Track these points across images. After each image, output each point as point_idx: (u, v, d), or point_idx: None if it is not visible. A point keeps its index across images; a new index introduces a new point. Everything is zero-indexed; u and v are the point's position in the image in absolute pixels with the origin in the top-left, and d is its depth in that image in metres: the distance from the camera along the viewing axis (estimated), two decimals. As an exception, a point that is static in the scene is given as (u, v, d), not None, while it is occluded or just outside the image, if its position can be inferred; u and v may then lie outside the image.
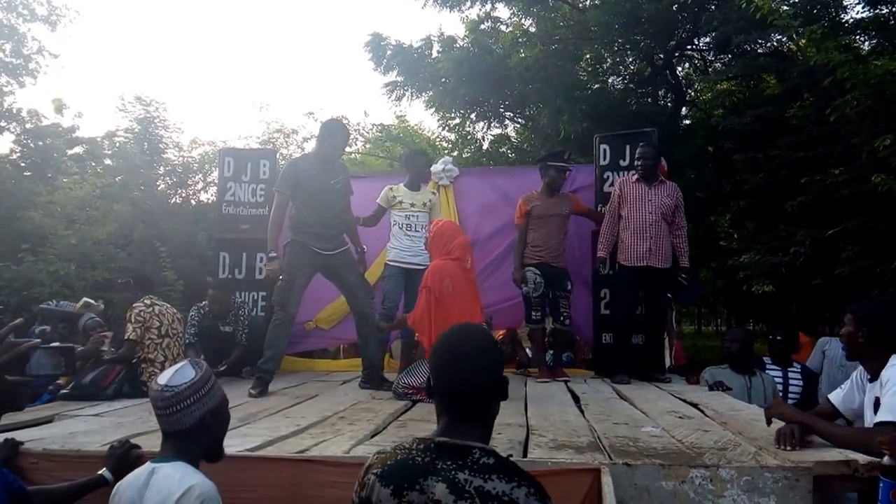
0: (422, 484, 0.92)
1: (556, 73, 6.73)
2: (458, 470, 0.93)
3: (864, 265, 4.59)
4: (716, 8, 6.45)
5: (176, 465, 1.30)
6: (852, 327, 1.85)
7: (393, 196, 3.73)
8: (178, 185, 9.21)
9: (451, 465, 0.93)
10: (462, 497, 0.90)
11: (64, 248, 6.35)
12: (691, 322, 18.50)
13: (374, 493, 0.95)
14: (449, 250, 2.87)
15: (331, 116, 3.17)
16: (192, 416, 1.32)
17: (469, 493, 0.90)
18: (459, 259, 2.87)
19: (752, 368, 3.17)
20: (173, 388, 1.31)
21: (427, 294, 2.77)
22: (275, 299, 3.24)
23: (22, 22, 9.03)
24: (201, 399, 1.33)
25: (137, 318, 3.04)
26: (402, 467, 0.95)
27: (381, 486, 0.95)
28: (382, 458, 1.00)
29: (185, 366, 1.37)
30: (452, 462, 0.94)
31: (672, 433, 2.05)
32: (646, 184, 3.59)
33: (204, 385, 1.34)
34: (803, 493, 1.58)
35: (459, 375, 1.01)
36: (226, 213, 4.50)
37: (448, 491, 0.91)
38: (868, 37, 5.96)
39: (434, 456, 0.95)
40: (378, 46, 7.90)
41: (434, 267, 2.87)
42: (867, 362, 1.85)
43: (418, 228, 3.70)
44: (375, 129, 11.87)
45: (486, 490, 0.91)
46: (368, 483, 0.97)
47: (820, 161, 5.10)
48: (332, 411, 2.55)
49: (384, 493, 0.94)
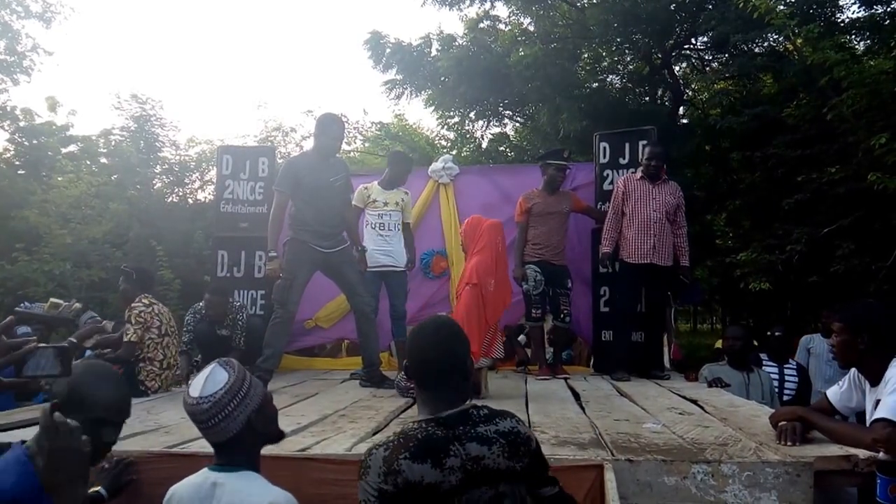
0: (454, 449, 1.09)
1: (555, 72, 6.73)
2: (472, 427, 1.13)
3: (859, 263, 4.63)
4: (713, 7, 6.47)
5: (242, 475, 1.18)
6: (847, 336, 1.78)
7: (368, 195, 3.72)
8: (175, 184, 9.16)
9: (467, 427, 1.13)
10: (491, 444, 1.12)
11: (59, 247, 6.31)
12: (686, 320, 18.59)
13: (413, 472, 1.07)
14: (477, 241, 2.88)
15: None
16: (236, 422, 1.17)
17: (493, 439, 1.13)
18: (490, 246, 2.85)
19: (749, 365, 3.19)
20: (210, 398, 1.16)
21: (474, 290, 2.76)
22: (275, 297, 3.23)
23: (16, 19, 8.96)
24: (243, 401, 1.19)
25: (138, 319, 3.02)
26: (430, 442, 1.10)
27: (418, 464, 1.07)
28: (400, 444, 1.11)
29: (215, 369, 1.21)
30: (464, 425, 1.13)
31: (673, 429, 2.06)
32: (650, 182, 3.59)
33: (242, 386, 1.20)
34: (804, 488, 1.59)
35: (440, 356, 1.18)
36: (224, 211, 4.49)
37: (479, 444, 1.11)
38: (863, 37, 5.99)
39: (447, 426, 1.13)
40: (377, 44, 7.89)
41: (477, 264, 2.82)
42: (866, 368, 1.80)
43: (391, 227, 3.69)
44: (375, 127, 11.84)
45: (500, 431, 1.15)
46: (401, 468, 1.07)
47: (816, 159, 5.13)
48: (332, 409, 2.55)
49: (424, 469, 1.07)
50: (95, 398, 1.26)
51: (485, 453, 1.11)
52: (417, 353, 1.21)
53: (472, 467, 1.09)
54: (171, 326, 3.16)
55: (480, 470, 1.10)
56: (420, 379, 1.20)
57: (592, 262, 4.10)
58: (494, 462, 1.11)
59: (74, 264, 6.28)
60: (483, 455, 1.11)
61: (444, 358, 1.18)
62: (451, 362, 1.19)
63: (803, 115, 5.36)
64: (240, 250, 4.38)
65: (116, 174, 8.17)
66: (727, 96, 7.03)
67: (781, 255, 5.08)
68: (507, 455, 1.12)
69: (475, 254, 2.88)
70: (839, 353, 1.86)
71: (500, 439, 1.13)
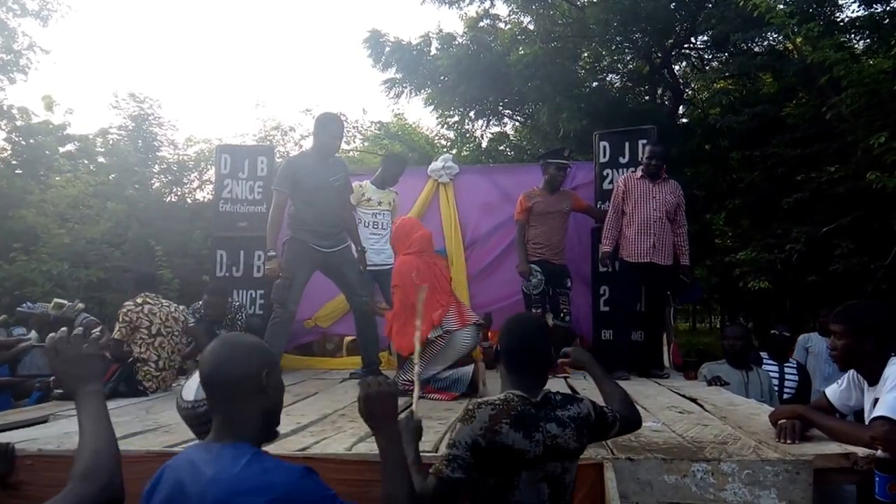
0: (541, 426, 1.31)
1: (555, 71, 6.73)
2: (552, 410, 1.34)
3: (858, 262, 4.63)
4: (713, 6, 6.48)
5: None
6: (850, 339, 1.76)
7: (362, 193, 3.73)
8: (174, 184, 9.15)
9: (549, 410, 1.34)
10: (566, 426, 1.33)
11: (57, 247, 6.29)
12: (686, 319, 18.60)
13: (509, 437, 1.27)
14: (409, 245, 2.91)
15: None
16: None
17: (567, 422, 1.34)
18: (421, 252, 2.88)
19: (749, 364, 3.19)
20: (205, 402, 1.14)
21: (399, 293, 2.82)
22: (274, 297, 3.22)
23: (13, 17, 8.91)
24: None
25: (125, 318, 3.03)
26: (525, 416, 1.30)
27: (514, 431, 1.27)
28: (504, 410, 1.30)
29: None
30: (547, 409, 1.34)
31: (672, 428, 2.06)
32: (650, 181, 3.59)
33: None
34: (804, 486, 1.59)
35: (534, 347, 1.40)
36: (223, 210, 4.47)
37: (557, 426, 1.32)
38: (862, 36, 6.00)
39: (537, 406, 1.33)
40: (377, 43, 7.88)
41: (399, 264, 2.90)
42: (866, 369, 1.80)
43: (384, 226, 3.72)
44: (374, 126, 11.83)
45: (572, 415, 1.35)
46: (501, 429, 1.27)
47: (815, 159, 5.13)
48: (332, 409, 2.54)
49: (517, 437, 1.27)
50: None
51: (560, 433, 1.32)
52: (517, 342, 1.41)
53: (550, 443, 1.30)
54: (167, 326, 3.13)
55: (554, 447, 1.30)
56: (515, 364, 1.40)
57: (592, 261, 4.10)
58: (566, 442, 1.32)
59: (72, 264, 6.26)
60: (559, 435, 1.32)
61: (538, 349, 1.41)
62: (543, 352, 1.42)
63: (803, 115, 5.37)
64: (239, 250, 4.37)
65: (114, 174, 8.16)
66: (727, 95, 7.03)
67: (781, 255, 5.09)
68: (576, 437, 1.34)
69: (401, 255, 2.94)
70: (841, 356, 1.82)
71: (571, 423, 1.34)
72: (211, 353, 1.05)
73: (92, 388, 1.03)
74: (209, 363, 1.03)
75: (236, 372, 1.01)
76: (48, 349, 1.05)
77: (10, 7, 8.82)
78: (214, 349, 1.05)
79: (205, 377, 1.05)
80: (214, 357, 1.04)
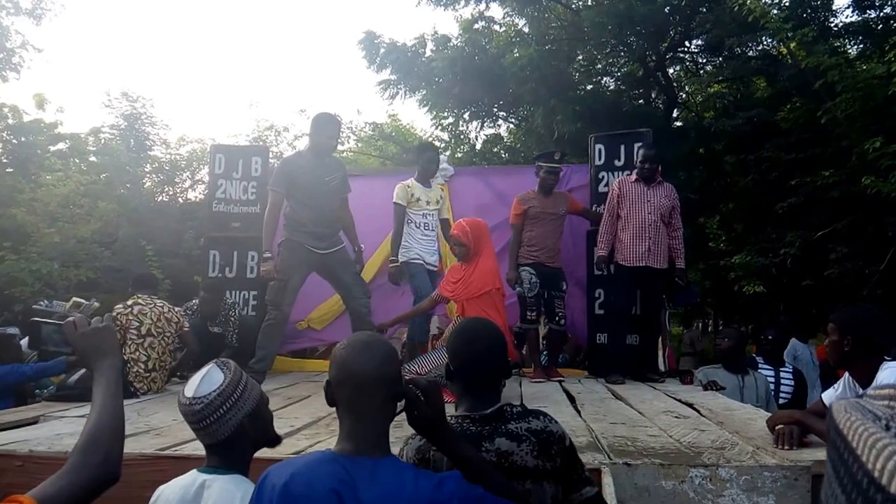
0: (485, 445, 1.13)
1: (550, 74, 6.74)
2: (504, 423, 1.16)
3: (852, 266, 4.66)
4: (708, 10, 6.52)
5: (231, 478, 1.16)
6: (836, 336, 1.84)
7: (411, 193, 3.61)
8: (165, 183, 9.07)
9: (499, 424, 1.16)
10: (521, 441, 1.14)
11: (47, 246, 6.21)
12: (679, 323, 18.69)
13: (445, 464, 1.11)
14: (490, 247, 3.05)
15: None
16: (228, 425, 1.16)
17: (524, 436, 1.15)
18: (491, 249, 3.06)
19: (744, 368, 3.19)
20: (202, 400, 1.15)
21: (499, 294, 2.98)
22: (268, 298, 3.18)
23: (5, 15, 8.83)
24: (235, 405, 1.17)
25: (115, 322, 2.99)
26: (465, 437, 1.13)
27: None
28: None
29: (212, 370, 1.20)
30: (497, 423, 1.16)
31: (670, 433, 2.05)
32: (645, 184, 3.58)
33: (235, 389, 1.19)
34: (802, 492, 1.58)
35: (481, 357, 1.23)
36: (216, 210, 4.42)
37: (509, 440, 1.14)
38: (856, 41, 6.06)
39: (482, 424, 1.17)
40: (371, 44, 7.86)
41: (496, 268, 3.01)
42: (854, 370, 1.85)
43: (432, 227, 3.66)
44: (368, 127, 11.81)
45: (532, 429, 1.16)
46: (434, 457, 1.12)
47: (810, 163, 5.17)
48: (325, 412, 2.50)
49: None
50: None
51: (513, 449, 1.12)
52: (467, 355, 1.23)
53: (500, 462, 1.11)
54: (158, 328, 3.09)
55: (508, 465, 1.11)
56: (465, 378, 1.23)
57: (588, 264, 4.09)
58: (522, 459, 1.12)
59: (62, 264, 6.18)
60: (511, 451, 1.12)
61: (491, 360, 1.23)
62: (497, 363, 1.24)
63: (797, 119, 5.41)
64: (232, 250, 4.32)
65: (106, 173, 8.08)
66: (721, 99, 7.08)
67: (775, 259, 5.11)
68: (537, 453, 1.13)
69: (488, 256, 3.00)
70: (829, 353, 1.92)
71: (530, 437, 1.14)
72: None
73: (109, 362, 1.06)
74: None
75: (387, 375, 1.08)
76: (67, 324, 1.09)
77: (4, 5, 8.73)
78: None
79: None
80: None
